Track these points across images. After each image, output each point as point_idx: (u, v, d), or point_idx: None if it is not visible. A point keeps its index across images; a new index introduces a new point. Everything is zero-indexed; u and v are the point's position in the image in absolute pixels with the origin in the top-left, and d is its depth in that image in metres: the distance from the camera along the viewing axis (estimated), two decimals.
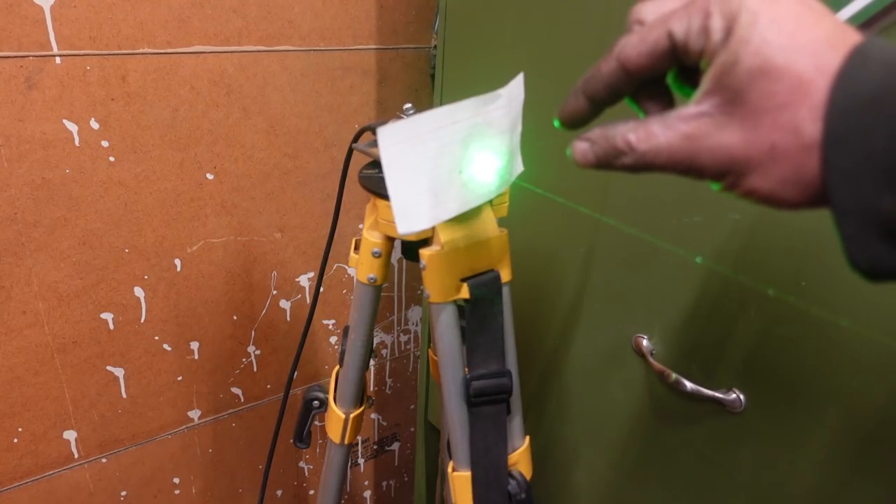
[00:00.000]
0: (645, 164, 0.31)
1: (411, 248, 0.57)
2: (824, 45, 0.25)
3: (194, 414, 1.03)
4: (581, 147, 0.33)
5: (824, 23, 0.26)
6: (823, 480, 0.56)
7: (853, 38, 0.26)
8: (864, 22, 0.48)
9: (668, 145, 0.29)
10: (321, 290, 0.89)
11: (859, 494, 0.54)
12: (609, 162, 0.32)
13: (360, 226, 1.09)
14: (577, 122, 0.34)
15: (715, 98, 0.28)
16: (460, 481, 0.59)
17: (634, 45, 0.30)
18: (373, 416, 1.31)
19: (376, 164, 0.59)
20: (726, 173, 0.28)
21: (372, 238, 0.59)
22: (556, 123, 0.35)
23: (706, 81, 0.28)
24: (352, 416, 0.70)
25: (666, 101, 0.33)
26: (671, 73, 0.33)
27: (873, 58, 0.24)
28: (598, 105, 0.33)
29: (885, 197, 0.23)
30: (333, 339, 1.16)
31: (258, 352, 1.06)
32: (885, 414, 0.51)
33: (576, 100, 0.33)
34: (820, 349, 0.54)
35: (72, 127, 0.77)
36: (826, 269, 0.53)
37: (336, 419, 0.70)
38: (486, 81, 0.82)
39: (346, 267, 1.11)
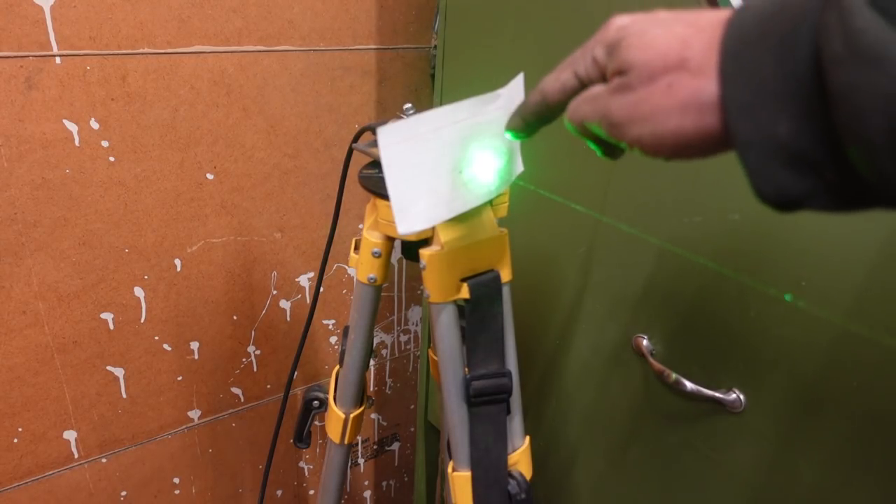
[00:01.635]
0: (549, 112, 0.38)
1: (411, 248, 0.57)
2: (697, 18, 0.29)
3: (194, 414, 1.03)
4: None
5: (692, 13, 0.30)
6: (823, 480, 0.56)
7: (723, 13, 0.28)
8: None
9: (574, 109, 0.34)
10: (321, 290, 0.89)
11: (859, 494, 0.54)
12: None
13: (360, 226, 1.09)
14: (519, 137, 0.42)
15: (613, 82, 0.31)
16: (460, 481, 0.59)
17: (551, 83, 0.36)
18: (373, 416, 1.31)
19: (376, 164, 0.59)
20: (626, 122, 0.30)
21: (372, 238, 0.59)
22: (506, 133, 0.43)
23: (608, 83, 0.32)
24: (352, 416, 0.70)
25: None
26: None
27: (755, 4, 0.27)
28: (530, 126, 0.40)
29: (781, 123, 0.24)
30: (333, 339, 1.16)
31: (258, 352, 1.06)
32: (884, 414, 0.51)
33: (516, 120, 0.41)
34: (820, 349, 0.54)
35: (72, 127, 0.77)
36: (826, 269, 0.53)
37: (336, 419, 0.70)
38: (486, 81, 0.82)
39: (346, 267, 1.11)
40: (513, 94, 0.47)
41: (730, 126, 0.26)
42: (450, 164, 0.46)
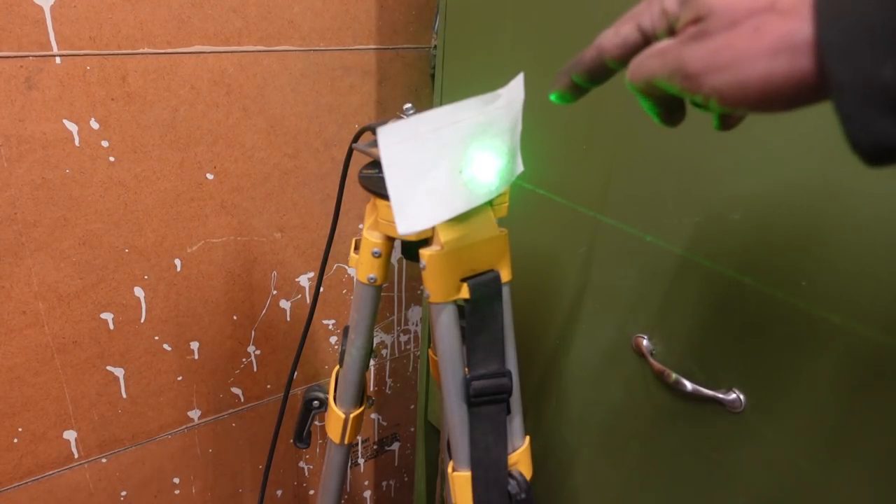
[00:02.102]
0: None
1: (411, 248, 0.57)
2: None
3: (194, 414, 1.03)
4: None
5: None
6: (823, 480, 0.56)
7: None
8: None
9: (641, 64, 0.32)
10: (321, 290, 0.89)
11: (860, 494, 0.54)
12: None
13: (360, 226, 1.09)
14: (565, 100, 0.39)
15: (687, 31, 0.29)
16: (460, 481, 0.59)
17: (610, 38, 0.34)
18: (373, 416, 1.31)
19: (376, 164, 0.59)
20: (704, 71, 0.28)
21: (372, 238, 0.59)
22: (551, 97, 0.39)
23: (678, 35, 0.30)
24: (352, 416, 0.70)
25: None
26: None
27: None
28: (579, 88, 0.38)
29: (886, 67, 0.23)
30: (333, 339, 1.16)
31: (258, 352, 1.06)
32: (884, 414, 0.51)
33: (563, 79, 0.38)
34: (820, 349, 0.54)
35: (72, 127, 0.77)
36: (826, 269, 0.53)
37: (336, 419, 0.70)
38: (486, 81, 0.82)
39: (346, 267, 1.11)
40: (513, 93, 0.47)
41: (825, 69, 0.24)
42: (450, 164, 0.46)
